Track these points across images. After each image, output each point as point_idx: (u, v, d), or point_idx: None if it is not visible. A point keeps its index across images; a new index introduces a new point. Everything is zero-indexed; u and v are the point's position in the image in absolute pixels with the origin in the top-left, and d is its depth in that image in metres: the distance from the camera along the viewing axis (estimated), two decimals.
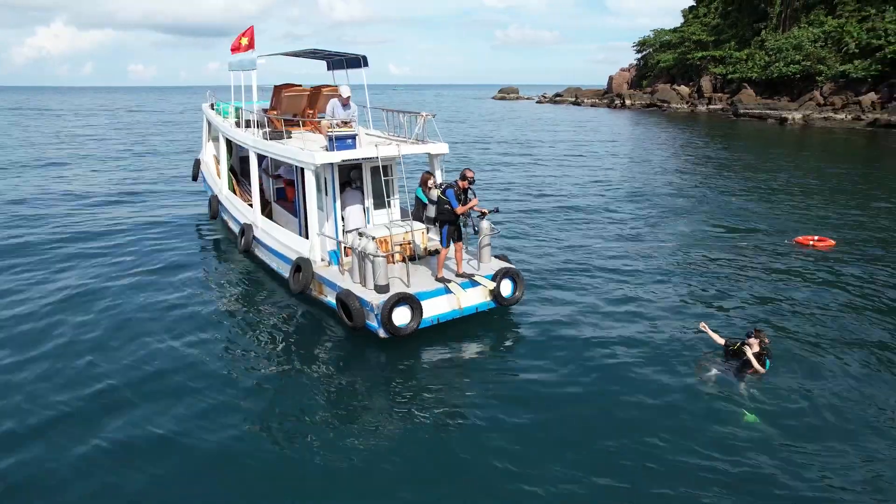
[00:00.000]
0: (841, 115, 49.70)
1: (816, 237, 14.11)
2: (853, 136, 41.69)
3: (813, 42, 55.29)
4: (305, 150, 10.24)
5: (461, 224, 9.57)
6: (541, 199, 20.13)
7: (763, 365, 8.05)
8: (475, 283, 9.34)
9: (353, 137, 10.05)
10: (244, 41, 13.15)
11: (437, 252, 10.51)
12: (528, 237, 15.20)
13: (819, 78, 53.90)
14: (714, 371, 8.24)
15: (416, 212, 10.86)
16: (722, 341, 8.65)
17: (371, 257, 8.78)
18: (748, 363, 8.04)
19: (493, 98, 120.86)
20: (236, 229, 13.61)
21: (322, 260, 10.26)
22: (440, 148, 10.73)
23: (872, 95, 49.40)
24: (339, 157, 9.88)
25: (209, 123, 16.24)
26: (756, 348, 8.10)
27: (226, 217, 14.92)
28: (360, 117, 13.58)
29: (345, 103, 10.96)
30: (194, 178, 17.96)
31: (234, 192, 14.56)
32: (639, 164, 28.80)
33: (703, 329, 8.75)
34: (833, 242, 13.92)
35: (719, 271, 12.47)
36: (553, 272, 12.26)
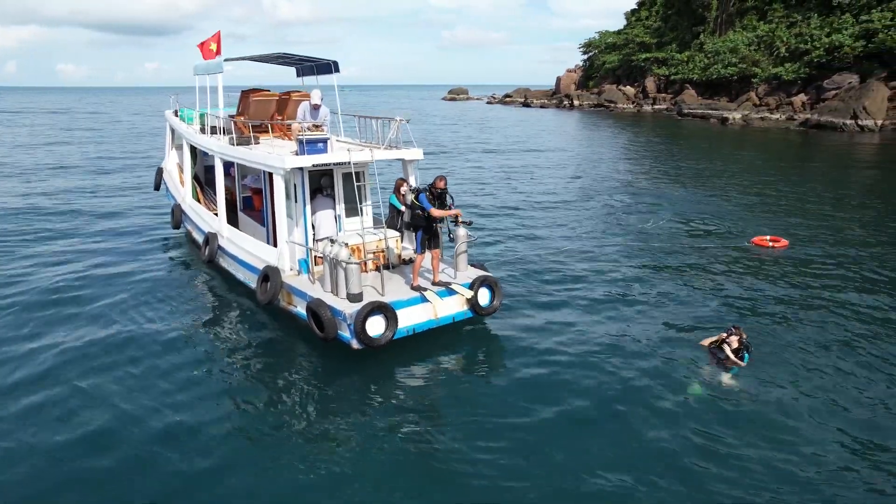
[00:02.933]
0: (776, 116, 52.58)
1: (769, 238, 14.63)
2: (788, 135, 44.10)
3: (748, 45, 58.28)
4: (274, 153, 9.78)
5: (438, 230, 9.30)
6: (507, 207, 19.97)
7: (741, 359, 8.44)
8: (452, 292, 9.04)
9: (325, 141, 9.65)
10: (213, 46, 12.80)
11: (411, 260, 10.27)
12: (498, 245, 15.05)
13: (754, 80, 56.82)
14: (704, 368, 8.48)
15: (391, 219, 10.55)
16: (705, 343, 8.93)
17: (343, 264, 8.38)
18: (728, 357, 8.44)
19: (443, 99, 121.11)
20: (200, 239, 12.95)
21: (291, 269, 9.82)
22: (414, 154, 10.42)
23: (802, 97, 52.49)
24: (309, 161, 9.46)
25: (173, 131, 15.51)
26: (735, 344, 8.49)
27: (189, 226, 14.20)
28: (331, 124, 13.25)
29: (315, 107, 10.55)
30: (156, 188, 17.15)
31: (199, 201, 13.87)
32: (595, 167, 29.27)
33: (702, 345, 8.92)
34: (786, 242, 14.47)
35: (687, 273, 12.67)
36: (524, 280, 12.10)
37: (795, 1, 58.10)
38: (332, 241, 8.96)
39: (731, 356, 8.36)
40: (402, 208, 10.37)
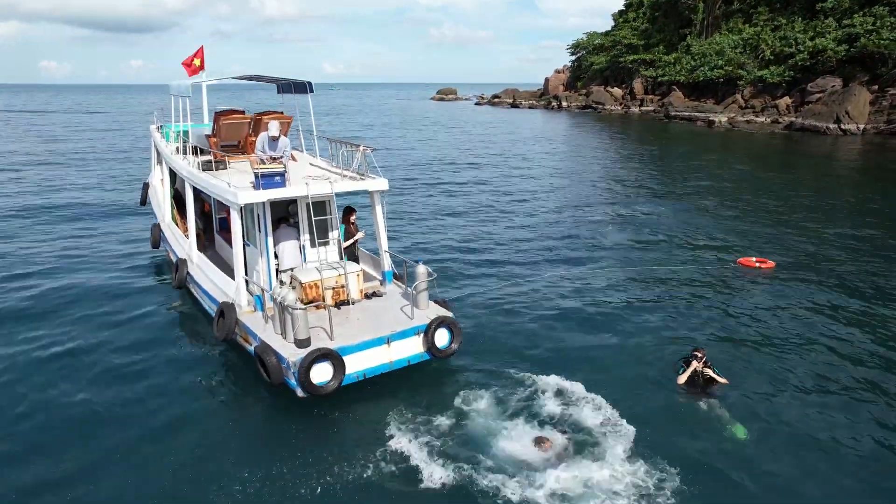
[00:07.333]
0: (761, 119, 52.79)
1: (756, 259, 14.40)
2: (773, 139, 44.20)
3: (733, 48, 58.45)
4: (232, 187, 9.53)
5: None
6: (484, 227, 19.59)
7: (718, 376, 8.57)
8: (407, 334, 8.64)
9: (281, 175, 9.40)
10: (196, 62, 13.17)
11: (375, 295, 10.05)
12: (468, 274, 14.72)
13: (740, 82, 57.01)
14: (692, 398, 8.44)
15: (348, 249, 10.43)
16: (682, 381, 8.66)
17: (290, 309, 8.11)
18: (711, 380, 8.51)
19: (431, 99, 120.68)
20: (173, 261, 12.72)
21: (248, 304, 9.59)
22: (379, 184, 10.07)
23: (787, 99, 52.74)
24: (264, 196, 9.20)
25: (157, 146, 15.35)
26: (701, 366, 8.56)
27: (167, 248, 13.92)
28: (306, 145, 13.23)
29: (273, 139, 10.31)
30: (142, 203, 16.92)
31: (177, 222, 13.60)
32: (580, 179, 29.00)
33: (679, 384, 8.74)
34: (773, 264, 14.23)
35: (671, 296, 12.45)
36: (492, 310, 11.69)
37: (780, 4, 58.37)
38: (282, 282, 8.68)
39: (719, 378, 8.46)
40: (359, 235, 10.60)
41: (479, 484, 6.65)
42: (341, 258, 10.24)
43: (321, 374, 7.81)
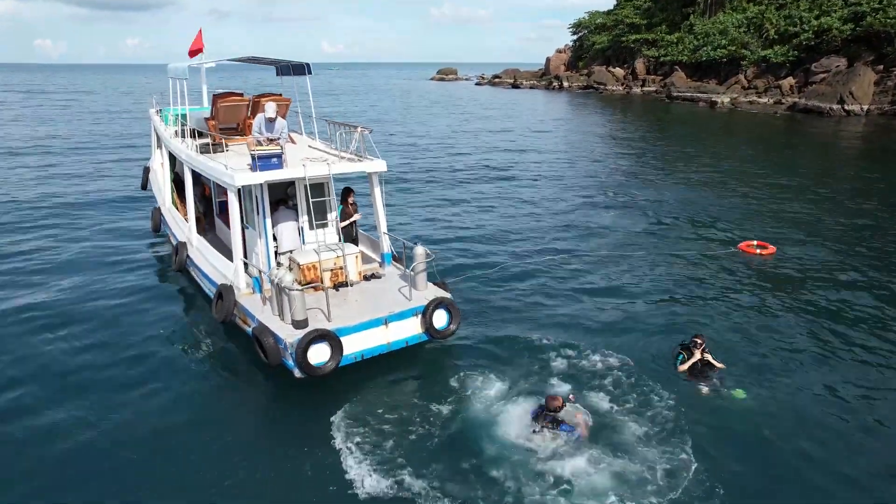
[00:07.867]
0: (764, 99, 52.23)
1: (756, 243, 14.32)
2: (775, 121, 43.78)
3: (737, 27, 57.63)
4: (229, 169, 9.50)
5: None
6: (482, 214, 19.49)
7: (717, 362, 8.75)
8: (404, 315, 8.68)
9: (278, 157, 9.37)
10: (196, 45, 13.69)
11: (374, 276, 10.07)
12: (466, 255, 14.72)
13: (743, 62, 56.31)
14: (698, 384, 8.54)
15: (347, 230, 10.43)
16: (683, 367, 8.74)
17: (287, 290, 8.13)
18: (711, 365, 8.74)
19: (431, 79, 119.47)
20: (174, 244, 12.76)
21: (247, 286, 9.62)
22: (377, 165, 10.04)
23: (791, 80, 52.12)
24: (261, 177, 9.19)
25: (156, 130, 15.32)
26: (701, 354, 8.68)
27: (168, 232, 13.99)
28: (305, 128, 13.22)
29: (270, 120, 10.24)
30: (143, 187, 16.95)
31: (177, 206, 13.62)
32: (580, 161, 28.88)
33: (681, 370, 8.80)
34: (773, 249, 14.16)
35: (671, 281, 12.46)
36: (492, 293, 11.72)
37: None
38: (279, 264, 8.69)
39: (715, 363, 8.67)
40: (356, 217, 10.56)
41: (482, 470, 6.70)
42: (340, 240, 10.25)
43: (318, 354, 7.86)
